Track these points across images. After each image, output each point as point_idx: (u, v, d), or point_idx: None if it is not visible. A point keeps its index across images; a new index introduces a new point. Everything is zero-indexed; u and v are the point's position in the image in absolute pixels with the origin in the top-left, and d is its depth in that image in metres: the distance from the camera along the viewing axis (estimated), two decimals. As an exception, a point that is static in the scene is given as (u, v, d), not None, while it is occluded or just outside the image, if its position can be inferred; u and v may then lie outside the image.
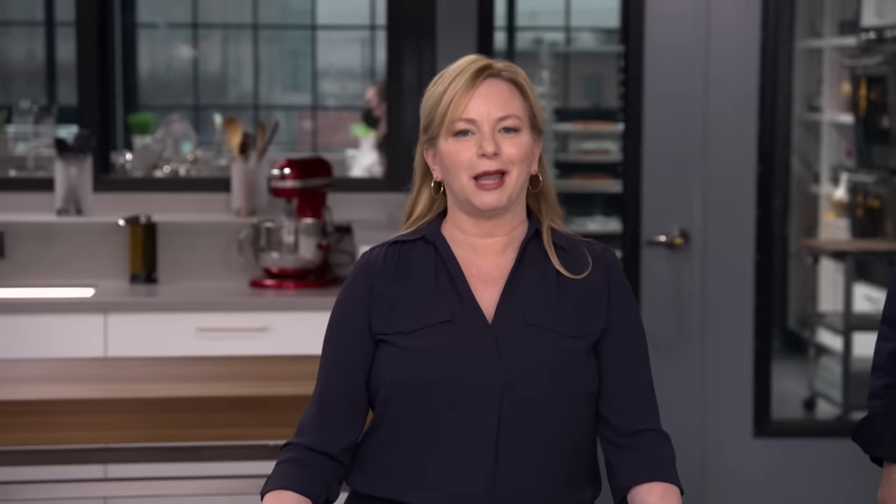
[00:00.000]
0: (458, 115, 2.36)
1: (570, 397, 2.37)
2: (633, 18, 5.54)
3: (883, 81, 6.37)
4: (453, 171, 2.38)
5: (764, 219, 5.63)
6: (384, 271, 2.42)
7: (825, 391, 6.58)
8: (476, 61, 2.40)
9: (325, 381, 2.46)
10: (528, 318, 2.37)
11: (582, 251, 2.45)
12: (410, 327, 2.37)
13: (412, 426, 2.36)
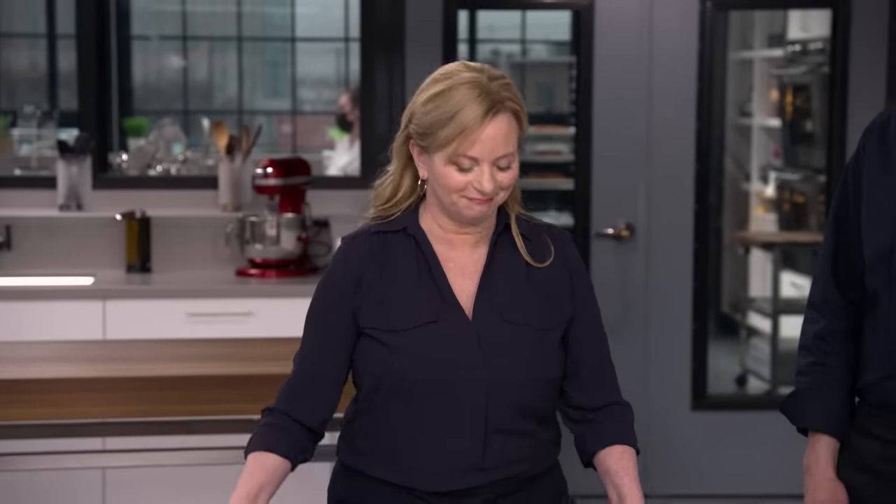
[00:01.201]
0: (464, 153, 2.23)
1: (543, 382, 2.36)
2: (583, 32, 5.55)
3: (807, 89, 6.39)
4: (443, 189, 2.29)
5: (701, 213, 5.65)
6: (370, 264, 2.35)
7: (755, 369, 6.60)
8: (486, 89, 2.24)
9: (305, 358, 2.42)
10: (505, 316, 2.33)
11: (544, 238, 2.41)
12: (400, 326, 2.31)
13: (403, 413, 2.32)
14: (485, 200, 2.28)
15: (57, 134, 6.46)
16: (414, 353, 2.30)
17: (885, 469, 2.39)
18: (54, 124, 7.08)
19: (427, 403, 2.31)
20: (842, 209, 2.52)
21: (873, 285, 2.41)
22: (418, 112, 2.29)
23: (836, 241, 2.53)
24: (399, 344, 2.31)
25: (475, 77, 2.26)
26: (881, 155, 2.42)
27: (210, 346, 4.21)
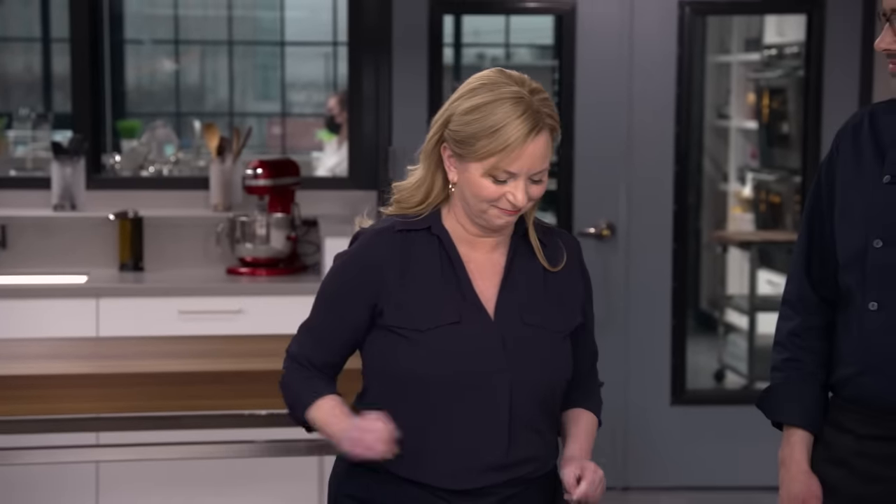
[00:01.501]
0: (504, 167, 2.20)
1: (558, 383, 2.37)
2: (566, 37, 5.55)
3: (783, 92, 6.40)
4: (474, 197, 2.27)
5: (680, 213, 5.65)
6: (392, 262, 2.31)
7: (733, 364, 6.61)
8: (530, 106, 2.21)
9: (317, 334, 2.41)
10: (525, 319, 2.32)
11: (556, 242, 2.41)
12: (424, 325, 2.28)
13: (423, 412, 2.29)
14: (514, 212, 2.27)
15: (51, 136, 6.46)
16: (438, 352, 2.28)
17: (860, 463, 2.39)
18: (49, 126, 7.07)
19: (449, 402, 2.28)
20: (815, 209, 2.52)
21: (847, 283, 2.41)
22: (457, 120, 2.25)
23: (809, 241, 2.54)
24: (423, 342, 2.28)
25: (518, 92, 2.23)
26: (854, 157, 2.42)
27: (201, 343, 4.21)
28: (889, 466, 2.36)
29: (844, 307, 2.45)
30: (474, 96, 2.25)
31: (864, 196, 2.38)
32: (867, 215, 2.37)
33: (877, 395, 2.37)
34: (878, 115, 2.44)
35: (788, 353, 2.54)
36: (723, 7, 5.80)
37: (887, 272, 2.34)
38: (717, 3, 5.68)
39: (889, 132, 2.39)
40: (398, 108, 5.56)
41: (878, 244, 2.35)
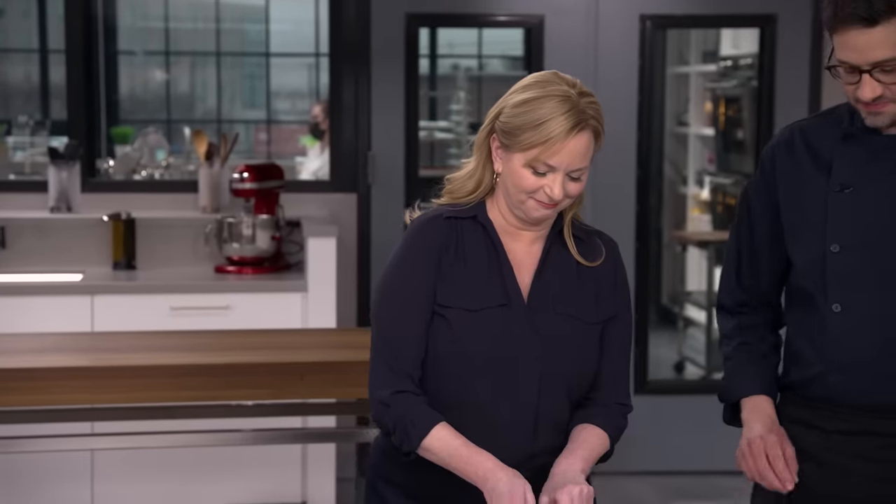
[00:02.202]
0: (544, 160, 2.19)
1: (585, 373, 2.34)
2: (534, 48, 5.57)
3: (738, 101, 6.43)
4: (514, 187, 2.26)
5: (642, 214, 5.67)
6: (444, 245, 2.28)
7: (692, 356, 6.63)
8: (576, 105, 2.20)
9: (394, 338, 2.29)
10: (557, 308, 2.31)
11: (595, 241, 2.38)
12: (472, 306, 2.26)
13: (460, 392, 2.27)
14: (551, 205, 2.25)
15: (49, 141, 6.45)
16: (480, 332, 2.26)
17: (829, 458, 2.36)
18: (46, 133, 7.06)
19: (485, 383, 2.26)
20: (743, 226, 2.51)
21: (805, 287, 2.40)
22: (508, 112, 2.25)
23: (738, 255, 2.52)
24: (467, 322, 2.26)
25: (567, 91, 2.22)
26: (794, 171, 2.42)
27: (191, 338, 4.21)
28: (858, 460, 2.35)
29: (800, 309, 2.44)
30: (526, 91, 2.25)
31: (815, 206, 2.37)
32: (822, 223, 2.36)
33: (844, 393, 2.36)
34: (808, 130, 2.43)
35: (738, 341, 2.52)
36: (681, 21, 5.82)
37: (847, 275, 2.34)
38: (676, 18, 5.70)
39: (825, 145, 2.39)
40: (376, 116, 5.56)
41: (835, 249, 2.34)
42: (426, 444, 2.23)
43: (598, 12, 5.56)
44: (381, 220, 5.56)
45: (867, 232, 2.32)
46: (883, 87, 2.21)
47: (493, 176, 2.33)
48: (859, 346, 2.34)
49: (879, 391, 2.33)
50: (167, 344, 4.08)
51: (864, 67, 2.20)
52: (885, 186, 2.31)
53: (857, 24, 2.16)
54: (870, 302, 2.33)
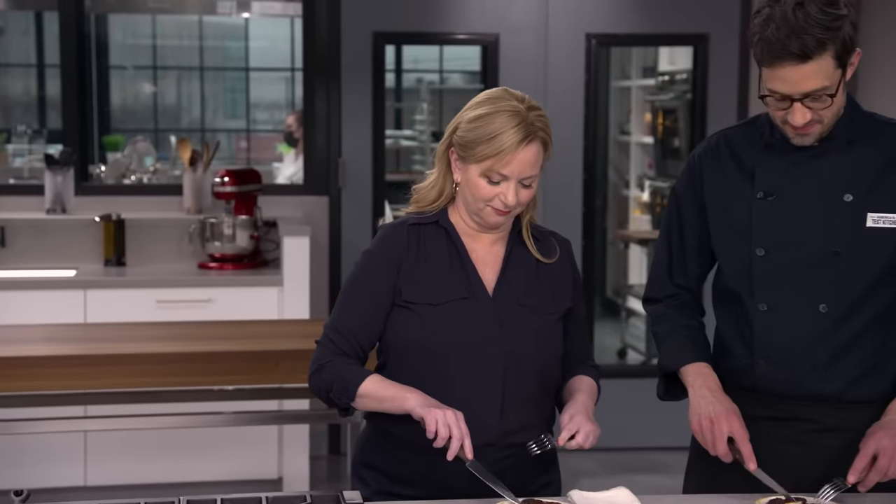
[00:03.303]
0: (497, 170, 2.20)
1: (548, 358, 2.35)
2: (490, 64, 5.58)
3: (674, 112, 6.46)
4: (472, 196, 2.26)
5: (588, 214, 5.69)
6: (409, 251, 2.30)
7: (633, 343, 6.66)
8: (525, 119, 2.21)
9: (342, 321, 2.32)
10: (520, 301, 2.31)
11: (551, 240, 2.40)
12: (436, 300, 2.27)
13: (430, 379, 2.26)
14: (505, 212, 2.26)
15: (45, 149, 6.40)
16: (446, 325, 2.26)
17: (758, 443, 2.30)
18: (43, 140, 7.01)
19: (452, 371, 2.26)
20: (673, 227, 2.50)
21: (734, 288, 2.40)
22: (463, 127, 2.26)
23: (669, 253, 2.51)
24: (433, 315, 2.27)
25: (516, 106, 2.23)
26: (720, 177, 2.41)
27: (176, 328, 4.19)
28: (785, 444, 2.36)
29: (729, 308, 2.43)
30: (479, 108, 2.25)
31: (740, 211, 2.36)
32: (747, 228, 2.35)
33: (771, 384, 2.36)
34: (732, 139, 2.42)
35: (673, 320, 2.50)
36: (623, 40, 5.84)
37: (772, 276, 2.33)
38: (618, 36, 5.72)
39: (748, 153, 2.38)
40: (346, 126, 5.56)
41: (760, 252, 2.33)
42: (361, 391, 2.25)
43: (547, 31, 5.58)
44: (350, 221, 5.56)
45: (789, 236, 2.32)
46: (812, 112, 2.21)
47: (453, 185, 2.33)
48: (784, 341, 2.34)
49: (803, 381, 2.34)
50: (154, 334, 4.07)
51: (795, 97, 2.19)
52: (804, 193, 2.31)
53: (791, 61, 2.15)
54: (793, 301, 2.33)
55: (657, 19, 5.65)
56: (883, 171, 2.29)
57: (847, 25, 2.16)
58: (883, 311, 2.32)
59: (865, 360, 2.32)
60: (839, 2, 2.17)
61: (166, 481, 4.79)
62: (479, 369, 2.27)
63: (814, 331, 2.31)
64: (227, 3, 8.06)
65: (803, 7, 2.14)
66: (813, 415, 2.35)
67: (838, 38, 2.15)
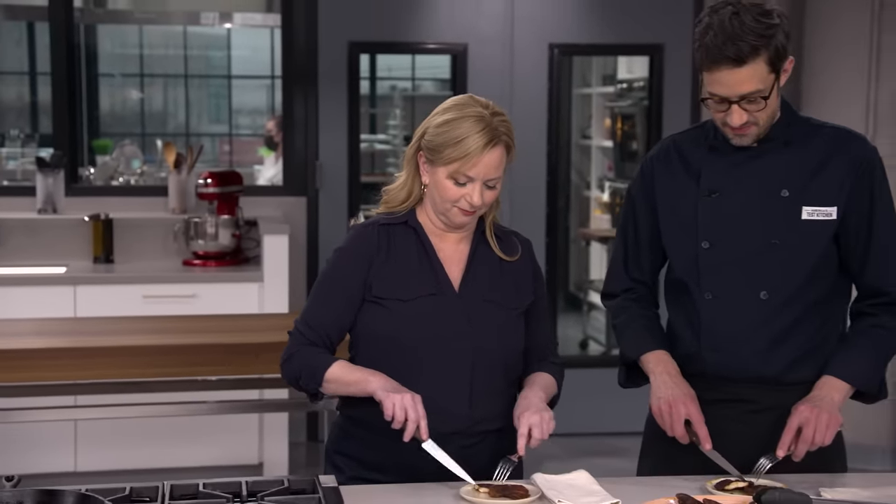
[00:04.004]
0: (464, 172, 2.20)
1: (512, 349, 2.35)
2: (459, 72, 5.59)
3: (632, 118, 6.48)
4: (440, 197, 2.26)
5: (551, 214, 5.71)
6: (379, 249, 2.29)
7: (594, 335, 6.68)
8: (489, 124, 2.21)
9: (313, 315, 2.32)
10: (485, 296, 2.31)
11: (513, 239, 2.40)
12: (406, 296, 2.27)
13: (401, 371, 2.26)
14: (471, 212, 2.26)
15: (37, 152, 6.37)
16: (414, 319, 2.26)
17: (707, 423, 2.34)
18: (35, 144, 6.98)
19: (422, 363, 2.26)
20: (629, 225, 2.52)
21: (682, 280, 2.42)
22: (431, 132, 2.25)
23: (625, 250, 2.53)
24: (403, 310, 2.27)
25: (481, 112, 2.23)
26: (669, 179, 2.44)
27: (162, 322, 4.18)
28: (732, 423, 2.38)
29: (679, 298, 2.46)
30: (445, 114, 2.26)
31: (687, 209, 2.40)
32: (693, 223, 2.39)
33: (718, 368, 2.39)
34: (680, 143, 2.46)
35: (632, 311, 2.52)
36: (584, 49, 5.86)
37: (716, 268, 2.37)
38: (579, 46, 5.74)
39: (695, 155, 2.42)
40: (323, 130, 5.55)
41: (705, 245, 2.37)
42: (328, 376, 2.26)
43: (513, 41, 5.59)
44: (327, 220, 5.55)
45: (731, 230, 2.36)
46: (748, 114, 2.26)
47: (422, 187, 2.33)
48: (729, 328, 2.37)
49: (746, 365, 2.38)
50: (141, 328, 4.05)
51: (732, 99, 2.24)
52: (745, 191, 2.36)
53: (728, 65, 2.20)
54: (736, 290, 2.36)
55: (616, 30, 5.67)
56: (816, 169, 2.34)
57: (780, 34, 2.23)
58: (819, 299, 2.37)
59: (803, 344, 2.36)
60: (772, 12, 2.24)
61: (152, 467, 4.77)
62: (447, 362, 2.28)
63: (755, 317, 2.35)
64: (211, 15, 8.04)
65: (739, 16, 2.20)
66: (755, 396, 2.38)
67: (771, 45, 2.21)
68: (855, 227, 2.34)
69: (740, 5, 2.22)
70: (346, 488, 2.15)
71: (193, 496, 2.07)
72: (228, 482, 2.13)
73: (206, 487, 2.10)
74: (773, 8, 2.25)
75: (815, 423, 2.23)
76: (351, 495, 2.11)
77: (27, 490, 1.91)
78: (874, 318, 2.37)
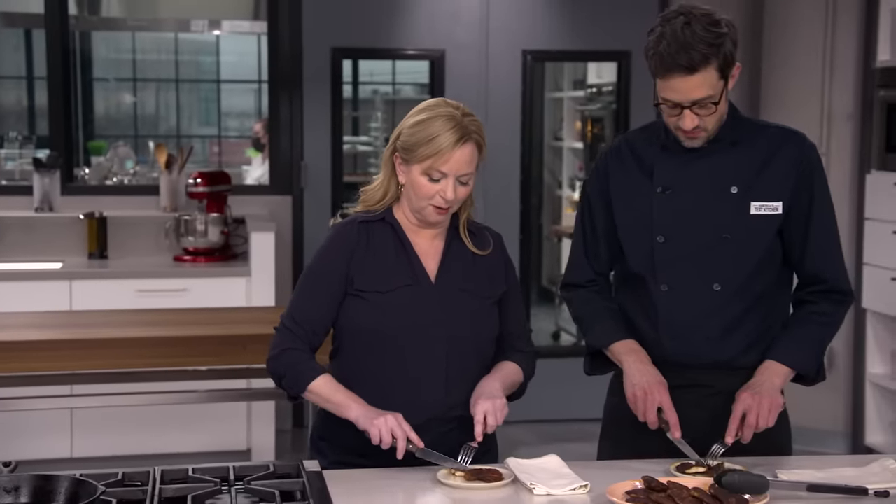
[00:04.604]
0: (438, 167, 2.21)
1: (486, 337, 2.36)
2: (437, 77, 5.59)
3: (601, 120, 6.50)
4: (416, 195, 2.26)
5: (525, 212, 5.72)
6: (359, 244, 2.30)
7: (566, 327, 6.69)
8: (460, 123, 2.22)
9: (300, 309, 2.32)
10: (460, 287, 2.32)
11: (485, 234, 2.40)
12: (385, 288, 2.27)
13: (381, 360, 2.27)
14: (446, 208, 2.26)
15: (34, 153, 6.33)
16: (394, 309, 2.27)
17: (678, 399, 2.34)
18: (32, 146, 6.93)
19: (401, 352, 2.27)
20: (586, 220, 2.51)
21: (638, 272, 2.43)
22: (405, 132, 2.26)
23: (584, 243, 2.52)
24: (382, 302, 2.27)
25: (452, 112, 2.24)
26: (623, 175, 2.45)
27: (154, 315, 4.16)
28: (690, 408, 2.38)
29: (635, 290, 2.46)
30: (419, 115, 2.26)
31: (642, 205, 2.41)
32: (648, 219, 2.40)
33: (675, 355, 2.40)
34: (633, 142, 2.47)
35: (597, 303, 2.51)
36: (556, 56, 5.87)
37: (671, 261, 2.38)
38: (551, 53, 5.75)
39: (647, 154, 2.43)
40: (308, 132, 5.54)
41: (661, 240, 2.38)
42: (312, 388, 2.26)
43: (488, 48, 5.60)
44: (312, 218, 5.55)
45: (684, 225, 2.37)
46: (699, 118, 2.28)
47: (398, 186, 2.33)
48: (684, 317, 2.39)
49: (702, 352, 2.40)
50: (134, 320, 4.04)
51: (685, 104, 2.26)
52: (696, 188, 2.37)
53: (680, 73, 2.22)
54: (690, 281, 2.38)
55: (585, 38, 5.68)
56: (761, 167, 2.37)
57: (728, 43, 2.25)
58: (766, 290, 2.40)
59: (752, 332, 2.39)
60: (721, 22, 2.25)
61: (145, 453, 4.76)
62: (424, 350, 2.28)
63: (709, 307, 2.37)
64: (200, 22, 8.01)
65: (690, 26, 2.22)
66: (711, 381, 2.40)
67: (720, 54, 2.23)
68: (796, 220, 2.37)
69: (691, 15, 2.24)
70: (329, 473, 2.15)
71: (183, 481, 2.06)
72: (217, 467, 2.12)
73: (196, 472, 2.09)
74: (722, 18, 2.27)
75: (757, 408, 2.25)
76: (334, 479, 2.10)
77: (24, 475, 1.90)
78: (813, 306, 2.40)
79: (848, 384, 5.23)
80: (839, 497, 2.07)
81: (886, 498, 2.06)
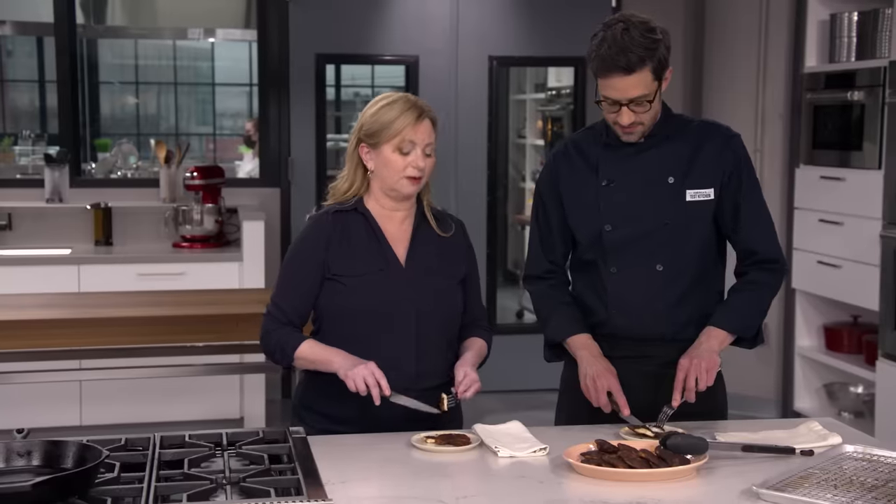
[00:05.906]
0: (408, 138, 2.24)
1: (451, 314, 2.37)
2: (412, 80, 5.58)
3: (560, 120, 6.50)
4: (391, 172, 2.27)
5: (492, 203, 5.72)
6: (334, 233, 2.30)
7: (528, 307, 6.69)
8: (416, 103, 2.28)
9: (283, 293, 2.33)
10: (427, 268, 2.33)
11: (447, 219, 2.42)
12: (360, 272, 2.28)
13: (358, 336, 2.28)
14: (418, 179, 2.28)
15: (46, 149, 6.27)
16: (369, 291, 2.27)
17: (628, 370, 2.37)
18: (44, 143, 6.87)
19: (376, 329, 2.27)
20: (540, 215, 2.51)
21: (590, 257, 2.44)
22: (368, 122, 2.28)
23: (540, 236, 2.51)
24: (357, 284, 2.27)
25: (407, 96, 2.30)
26: (570, 173, 2.45)
27: (155, 296, 4.16)
28: (639, 377, 2.40)
29: (588, 274, 2.46)
30: (376, 105, 2.30)
31: (589, 197, 2.42)
32: (596, 209, 2.41)
33: (625, 330, 2.42)
34: (578, 142, 2.48)
35: (549, 301, 2.51)
36: (519, 61, 5.88)
37: (618, 246, 2.40)
38: (515, 58, 5.75)
39: (592, 151, 2.43)
40: (294, 131, 5.52)
41: (608, 228, 2.39)
42: (298, 353, 2.29)
43: (457, 54, 5.59)
44: (298, 208, 5.52)
45: (628, 213, 2.39)
46: (636, 115, 2.30)
47: (364, 176, 2.34)
48: (632, 296, 2.41)
49: (648, 326, 2.41)
50: (136, 301, 4.03)
51: (623, 102, 2.28)
52: (636, 180, 2.39)
53: (619, 73, 2.24)
54: (636, 264, 2.40)
55: (546, 45, 5.69)
56: (692, 158, 2.39)
57: (662, 48, 2.27)
58: (706, 269, 2.42)
59: (693, 307, 2.41)
60: (656, 29, 2.28)
61: (147, 421, 4.73)
62: (396, 326, 2.29)
63: (654, 286, 2.39)
64: (197, 30, 7.96)
65: (629, 32, 2.25)
66: (658, 352, 2.41)
67: (655, 57, 2.26)
68: (727, 202, 2.39)
69: (630, 22, 2.26)
70: (313, 438, 2.15)
71: (181, 446, 2.06)
72: (211, 433, 2.12)
73: (192, 438, 2.09)
74: (657, 25, 2.29)
75: (696, 371, 2.27)
76: (317, 444, 2.10)
77: (35, 441, 1.90)
78: (748, 276, 2.42)
79: (779, 356, 5.28)
80: (770, 456, 2.09)
81: (811, 456, 2.08)
